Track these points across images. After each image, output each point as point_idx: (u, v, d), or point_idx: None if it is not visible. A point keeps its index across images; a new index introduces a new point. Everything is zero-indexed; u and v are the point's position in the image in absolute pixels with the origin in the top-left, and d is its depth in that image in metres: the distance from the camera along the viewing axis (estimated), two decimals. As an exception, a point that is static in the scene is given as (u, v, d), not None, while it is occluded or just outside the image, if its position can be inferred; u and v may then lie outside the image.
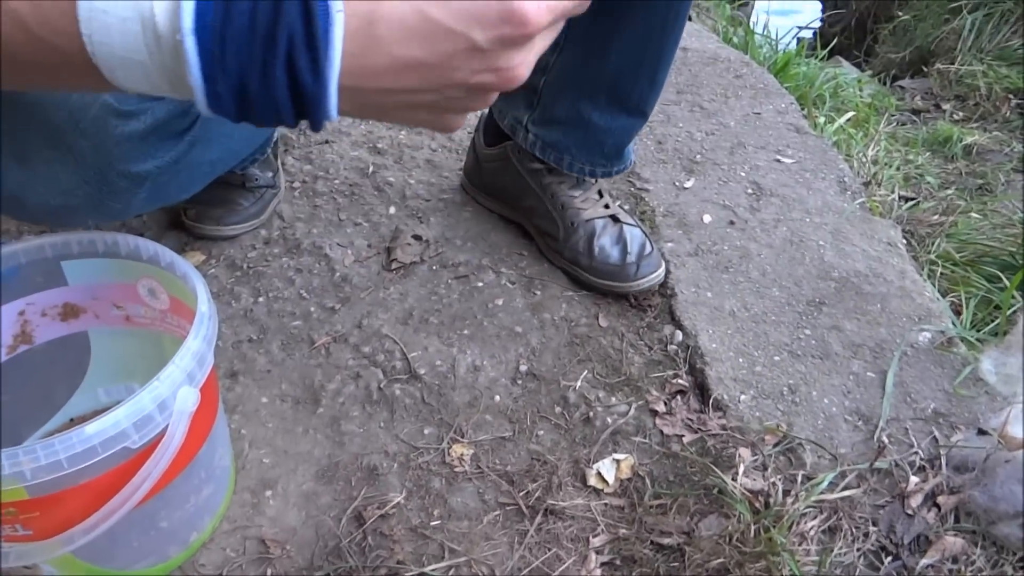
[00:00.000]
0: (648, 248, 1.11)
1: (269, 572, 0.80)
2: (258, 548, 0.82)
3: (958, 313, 1.17)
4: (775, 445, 0.90)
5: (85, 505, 0.65)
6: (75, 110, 0.71)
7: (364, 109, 0.43)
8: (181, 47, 0.37)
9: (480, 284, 1.13)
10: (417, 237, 1.20)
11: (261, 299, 1.10)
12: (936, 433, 0.91)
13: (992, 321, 1.17)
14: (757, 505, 0.82)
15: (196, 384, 0.68)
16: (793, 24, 3.01)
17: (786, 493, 0.83)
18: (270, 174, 1.24)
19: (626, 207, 1.28)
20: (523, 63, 0.43)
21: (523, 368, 1.02)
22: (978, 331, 1.12)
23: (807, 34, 3.32)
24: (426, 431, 0.94)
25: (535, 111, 1.10)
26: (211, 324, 0.72)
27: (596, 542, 0.82)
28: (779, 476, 0.86)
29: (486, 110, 1.22)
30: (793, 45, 2.55)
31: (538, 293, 1.12)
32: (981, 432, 0.88)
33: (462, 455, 0.91)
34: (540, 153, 1.12)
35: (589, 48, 1.00)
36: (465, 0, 0.40)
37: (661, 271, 1.11)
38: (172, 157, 0.82)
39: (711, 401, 0.95)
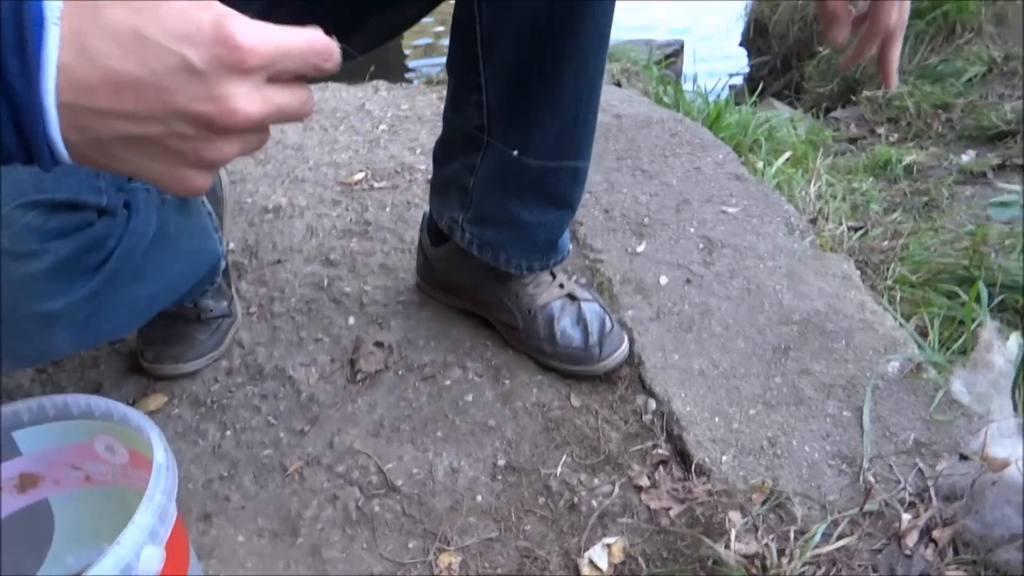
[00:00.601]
0: (608, 324, 1.11)
1: None
2: None
3: (925, 335, 1.17)
4: (763, 503, 0.88)
5: None
6: None
7: (88, 143, 0.41)
8: None
9: (448, 383, 1.12)
10: (379, 344, 1.19)
11: (228, 432, 1.08)
12: (921, 464, 0.91)
13: (960, 337, 1.17)
14: (754, 571, 0.80)
15: (160, 541, 0.66)
16: (724, 73, 3.11)
17: (781, 553, 0.82)
18: (225, 303, 1.23)
19: (582, 280, 1.29)
20: (243, 96, 0.41)
21: (501, 462, 1.00)
22: (948, 350, 1.13)
23: (738, 80, 3.43)
24: (411, 544, 0.91)
25: (468, 211, 1.10)
26: (170, 475, 0.71)
27: (598, 636, 0.80)
28: (771, 536, 0.84)
29: (427, 208, 1.23)
30: (725, 94, 2.62)
31: (507, 382, 1.11)
32: (963, 457, 0.87)
33: (450, 564, 0.89)
34: (477, 252, 1.11)
35: (508, 148, 1.02)
36: (179, 18, 0.39)
37: (625, 346, 1.10)
38: (85, 294, 0.79)
39: (693, 466, 0.94)
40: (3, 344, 0.76)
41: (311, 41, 0.43)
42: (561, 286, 1.16)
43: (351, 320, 1.26)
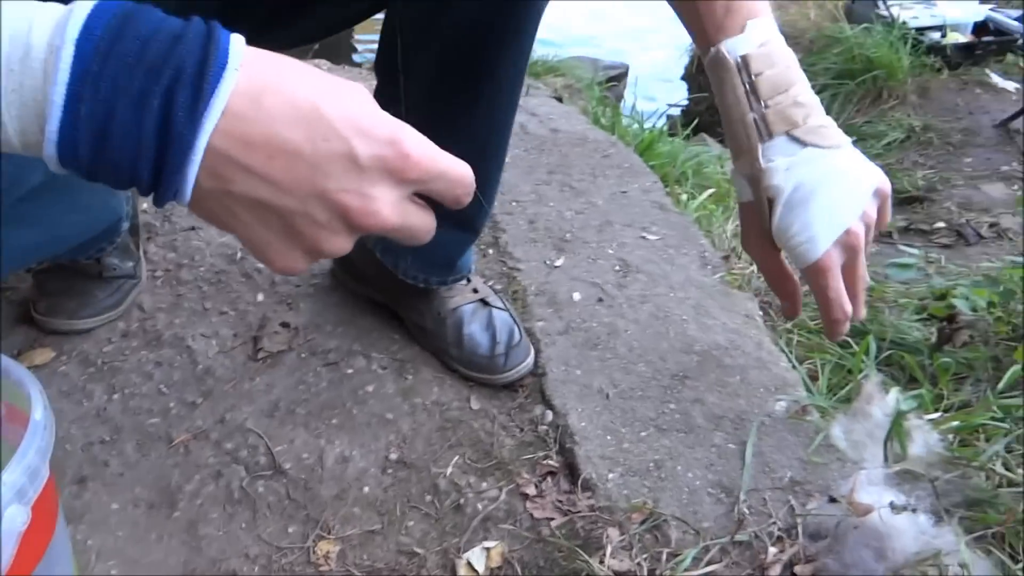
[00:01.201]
0: (516, 336, 1.12)
1: None
2: (101, 672, 0.76)
3: (815, 379, 1.23)
4: (641, 523, 0.91)
5: None
6: None
7: (218, 194, 0.40)
8: (54, 59, 0.35)
9: (350, 371, 1.11)
10: (285, 325, 1.18)
11: (116, 396, 1.05)
12: (793, 502, 0.95)
13: (846, 386, 1.23)
14: (624, 587, 0.82)
15: (27, 501, 0.64)
16: (663, 102, 3.18)
17: (652, 572, 0.84)
18: (130, 264, 1.19)
19: (498, 287, 1.30)
20: (389, 202, 0.41)
21: (393, 456, 1.00)
22: (833, 396, 1.18)
23: (676, 111, 3.52)
24: (290, 529, 0.91)
25: None
26: (47, 434, 0.68)
27: (465, 637, 0.81)
28: (645, 555, 0.87)
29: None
30: (662, 123, 2.69)
31: (409, 377, 1.11)
32: (832, 500, 0.92)
33: (327, 552, 0.88)
34: (380, 254, 1.10)
35: None
36: (360, 111, 0.40)
37: (530, 359, 1.12)
38: None
39: (580, 481, 0.96)
40: None
41: (464, 174, 0.45)
42: (475, 291, 1.16)
43: (260, 297, 1.24)
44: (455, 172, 0.45)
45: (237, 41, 0.39)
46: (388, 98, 0.97)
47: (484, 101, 0.92)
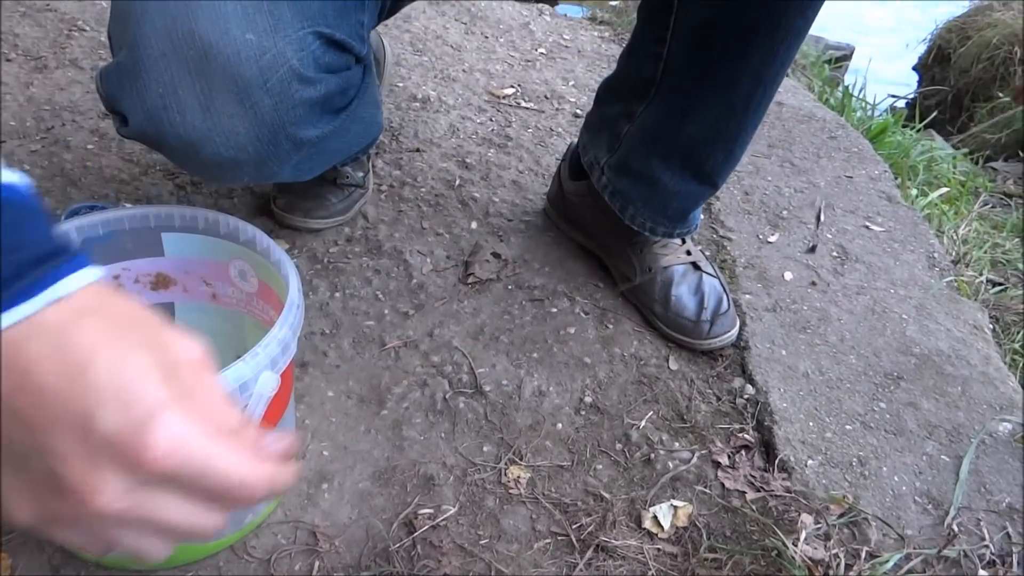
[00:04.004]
0: (725, 305, 1.09)
1: (316, 564, 0.80)
2: (308, 539, 0.82)
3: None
4: (840, 516, 0.87)
5: None
6: (265, 68, 0.73)
7: None
8: None
9: (554, 310, 1.13)
10: (496, 255, 1.20)
11: (337, 295, 1.11)
12: (1010, 529, 0.88)
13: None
14: (817, 574, 0.79)
15: (277, 370, 0.69)
16: (887, 93, 2.96)
17: (848, 567, 0.81)
18: (361, 174, 1.26)
19: (707, 254, 1.27)
20: (113, 488, 0.34)
21: (588, 400, 1.01)
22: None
23: (901, 104, 3.27)
24: (485, 448, 0.94)
25: (613, 155, 1.09)
26: (299, 314, 0.73)
27: (645, 587, 0.81)
28: (842, 548, 0.83)
29: (573, 140, 1.22)
30: (885, 114, 2.51)
31: (610, 327, 1.11)
32: (1059, 535, 0.84)
33: (518, 477, 0.91)
34: (608, 198, 1.10)
35: (671, 108, 0.99)
36: (130, 378, 0.34)
37: (734, 331, 1.09)
38: (327, 131, 0.84)
39: (777, 461, 0.93)
40: (252, 156, 0.80)
41: (245, 478, 0.36)
42: (688, 252, 1.14)
43: (473, 225, 1.28)
44: (226, 476, 0.36)
45: (81, 277, 0.36)
46: (653, 39, 0.96)
47: (757, 52, 0.89)
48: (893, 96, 3.09)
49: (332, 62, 0.80)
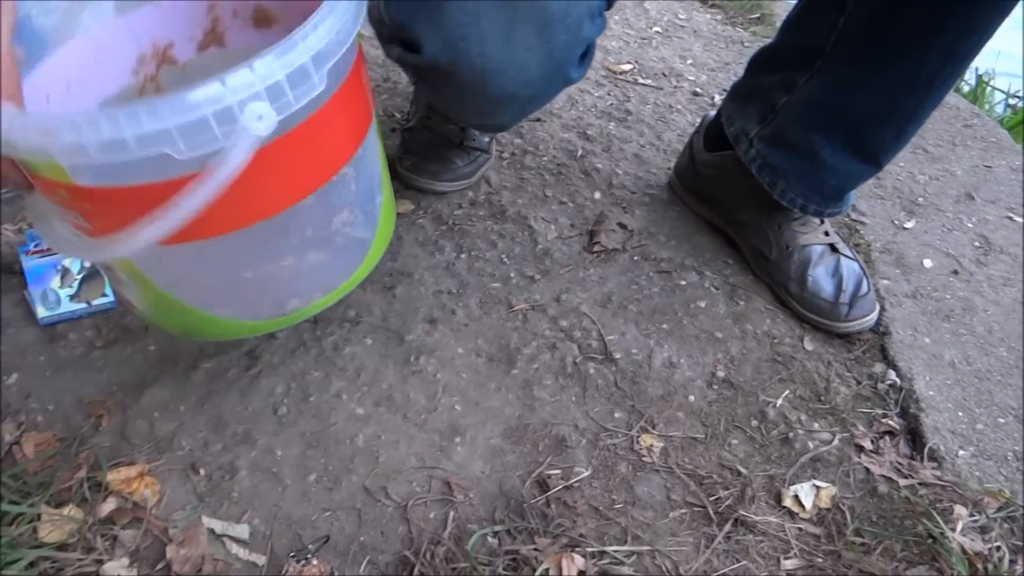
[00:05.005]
0: (864, 287, 1.04)
1: (451, 514, 0.79)
2: (442, 489, 0.82)
3: None
4: (997, 510, 0.82)
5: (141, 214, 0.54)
6: (570, 3, 0.73)
7: None
8: None
9: (683, 283, 1.10)
10: (622, 225, 1.18)
11: (463, 256, 1.11)
12: None
13: None
14: (978, 568, 0.75)
15: (281, 104, 0.53)
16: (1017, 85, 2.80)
17: (1011, 564, 0.76)
18: (487, 139, 1.25)
19: (841, 236, 1.21)
20: None
21: (720, 374, 0.98)
22: None
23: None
24: (616, 415, 0.92)
25: (766, 127, 1.04)
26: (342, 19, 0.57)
27: (788, 564, 0.77)
28: (1004, 542, 0.78)
29: (712, 112, 1.19)
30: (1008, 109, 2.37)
31: (741, 303, 1.08)
32: None
33: (651, 446, 0.88)
34: (756, 171, 1.05)
35: (840, 81, 0.93)
36: None
37: (874, 315, 1.04)
38: (579, 76, 0.84)
39: (926, 450, 0.88)
40: (529, 94, 0.79)
41: None
42: (827, 233, 1.10)
43: (597, 195, 1.25)
44: None
45: None
46: (830, 4, 0.90)
47: (954, 22, 0.81)
48: (1018, 96, 2.92)
49: (603, 7, 0.80)
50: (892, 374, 0.99)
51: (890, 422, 0.93)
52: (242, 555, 0.76)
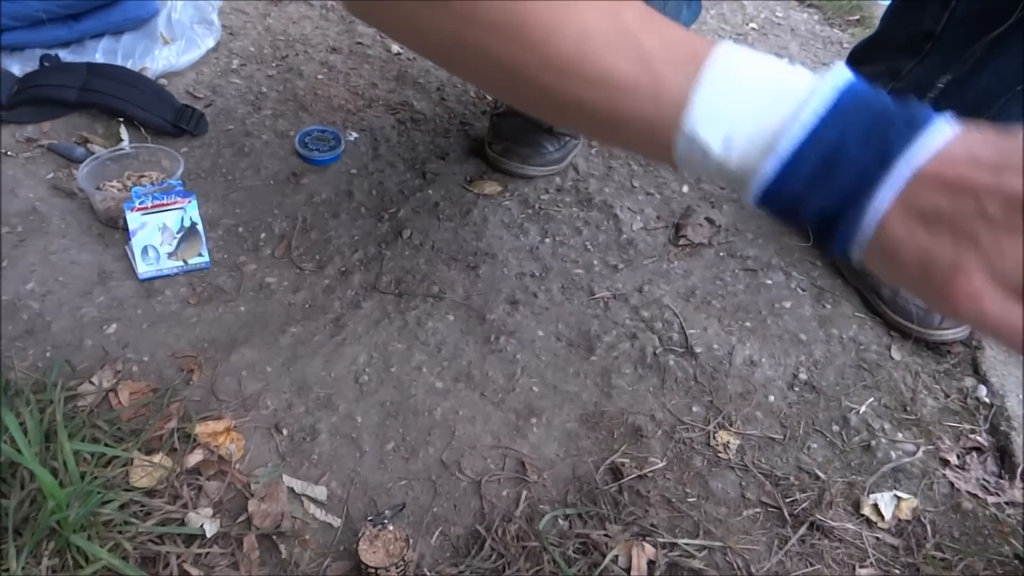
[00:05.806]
0: None
1: (524, 494, 0.80)
2: (516, 468, 0.83)
3: None
4: (1091, 538, 0.79)
5: None
6: None
7: (909, 217, 0.37)
8: (811, 100, 0.39)
9: (768, 282, 1.08)
10: (709, 220, 1.17)
11: (547, 240, 1.11)
12: None
13: None
14: (1067, 594, 0.72)
15: None
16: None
17: (1104, 592, 0.73)
18: (576, 125, 1.25)
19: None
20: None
21: (802, 376, 0.96)
22: None
23: None
24: (694, 408, 0.91)
25: None
26: None
27: (863, 573, 0.76)
28: (1097, 571, 0.75)
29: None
30: None
31: (828, 306, 1.05)
32: None
33: (727, 443, 0.87)
34: None
35: (953, 61, 0.91)
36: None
37: (967, 327, 1.00)
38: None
39: (1020, 471, 0.85)
40: None
41: None
42: (923, 238, 1.06)
43: (684, 189, 1.24)
44: None
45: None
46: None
47: None
48: None
49: None
50: (983, 389, 0.95)
51: (978, 438, 0.90)
52: (319, 515, 0.79)
